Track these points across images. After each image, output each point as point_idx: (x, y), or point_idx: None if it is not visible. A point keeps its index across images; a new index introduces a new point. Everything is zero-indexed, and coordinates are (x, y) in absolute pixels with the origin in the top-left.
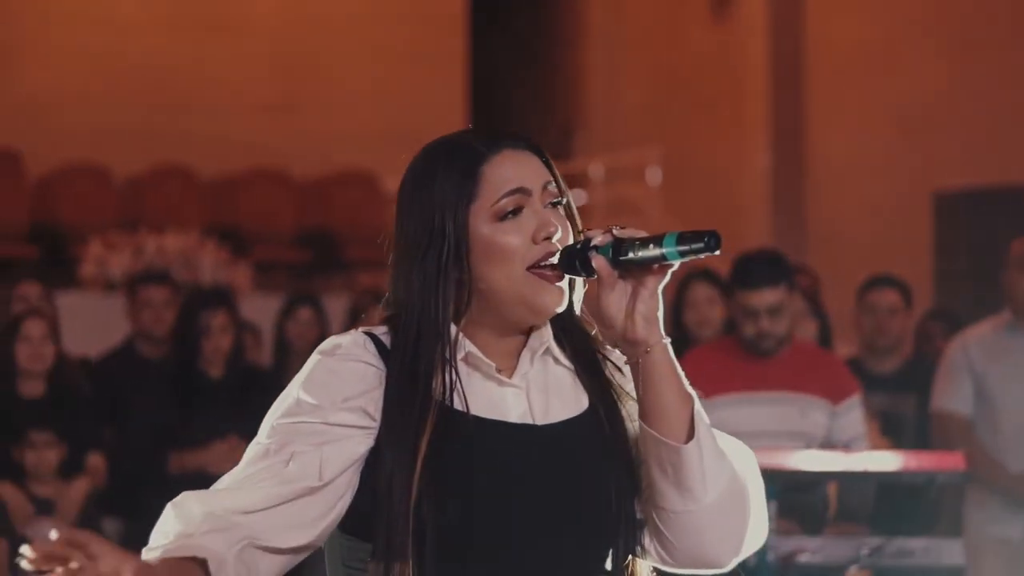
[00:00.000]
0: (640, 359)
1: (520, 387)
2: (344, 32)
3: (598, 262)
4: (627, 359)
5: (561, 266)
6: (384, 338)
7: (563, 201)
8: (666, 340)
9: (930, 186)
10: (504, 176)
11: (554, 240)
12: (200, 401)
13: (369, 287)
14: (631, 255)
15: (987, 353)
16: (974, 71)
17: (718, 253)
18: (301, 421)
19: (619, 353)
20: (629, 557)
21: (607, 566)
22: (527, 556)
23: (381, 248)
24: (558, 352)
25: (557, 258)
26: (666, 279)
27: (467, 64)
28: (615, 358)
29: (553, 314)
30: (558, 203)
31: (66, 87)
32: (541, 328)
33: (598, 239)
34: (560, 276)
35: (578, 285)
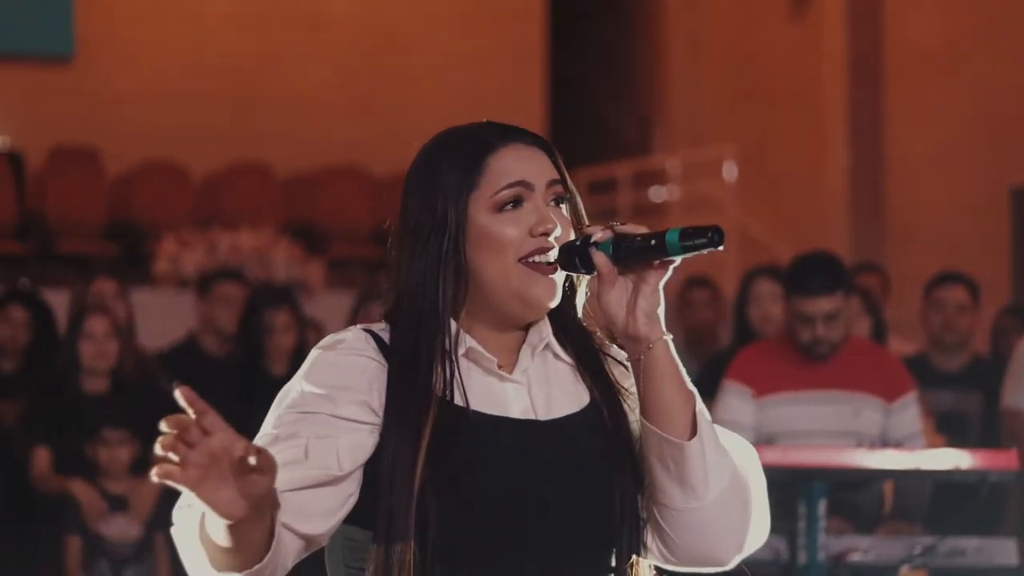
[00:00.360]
0: (642, 355)
1: (521, 382)
2: (422, 30)
3: (599, 258)
4: (628, 356)
5: (560, 263)
6: (383, 334)
7: (567, 199)
8: (667, 336)
9: (1008, 182)
10: (508, 168)
11: (552, 237)
12: (263, 398)
13: None
14: (632, 251)
15: None
16: None
17: (721, 249)
18: (310, 412)
19: (617, 349)
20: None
21: (611, 563)
22: (530, 553)
23: None
24: (558, 348)
25: (556, 255)
26: (667, 275)
27: (546, 61)
28: (615, 354)
29: (545, 307)
30: (562, 202)
31: (144, 85)
32: (540, 323)
33: (598, 235)
34: (553, 269)
35: (581, 287)
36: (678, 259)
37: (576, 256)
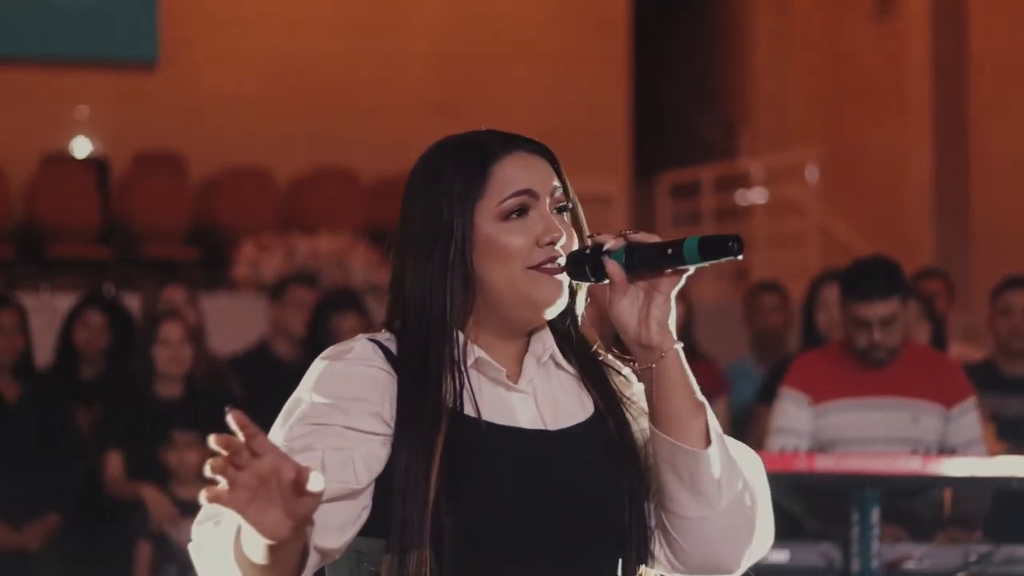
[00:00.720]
0: (654, 364)
1: (527, 392)
2: (505, 33)
3: (611, 267)
4: (639, 364)
5: (568, 271)
6: (389, 344)
7: (570, 207)
8: (679, 345)
9: None
10: (513, 176)
11: (558, 246)
12: None
13: None
14: (647, 260)
15: None
16: None
17: (741, 258)
18: (323, 424)
19: (612, 358)
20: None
21: (618, 573)
22: (542, 562)
23: None
24: (561, 358)
25: (564, 263)
26: (680, 284)
27: (629, 64)
28: (615, 364)
29: (552, 308)
30: (565, 210)
31: (229, 90)
32: (542, 332)
33: (611, 243)
34: (559, 270)
35: (580, 296)
36: (692, 268)
37: (587, 264)
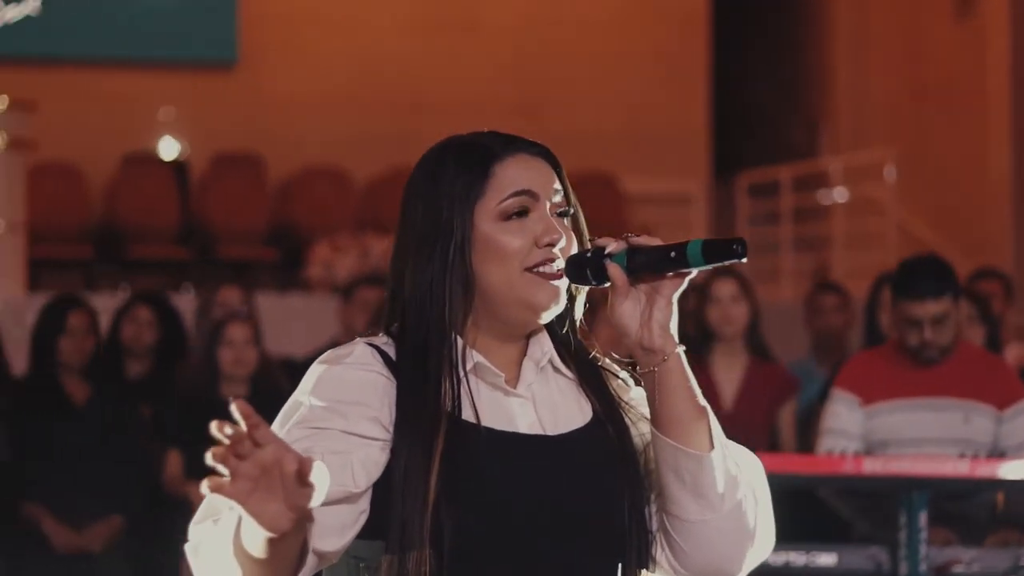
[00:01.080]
0: (656, 368)
1: (526, 397)
2: (583, 32)
3: (613, 270)
4: (641, 368)
5: (569, 274)
6: (388, 349)
7: (571, 212)
8: (680, 349)
9: None
10: (514, 177)
11: (557, 248)
12: None
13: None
14: (649, 263)
15: None
16: None
17: (745, 261)
18: (321, 428)
19: (609, 362)
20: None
21: None
22: (542, 567)
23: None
24: (559, 362)
25: (563, 266)
26: (683, 287)
27: (709, 64)
28: (612, 368)
29: (549, 311)
30: (566, 215)
31: (307, 91)
32: (540, 336)
33: (612, 246)
34: (557, 276)
35: (579, 300)
36: (695, 271)
37: (587, 267)
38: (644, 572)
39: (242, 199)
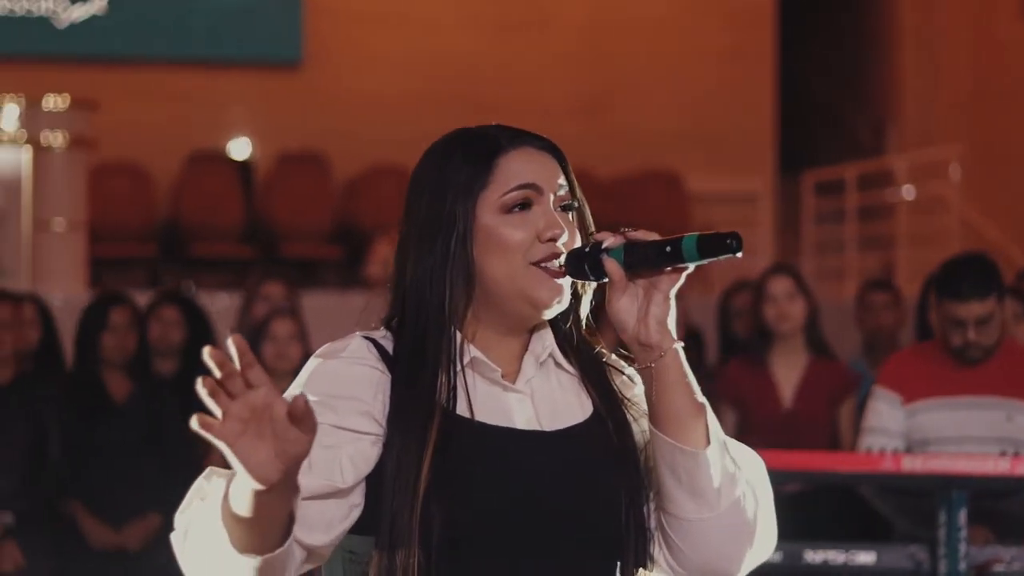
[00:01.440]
0: (653, 364)
1: (525, 393)
2: (650, 30)
3: (610, 264)
4: (639, 364)
5: (568, 269)
6: (385, 343)
7: (576, 207)
8: (678, 345)
9: None
10: (518, 170)
11: (560, 243)
12: None
13: None
14: (645, 258)
15: None
16: None
17: (740, 256)
18: None
19: (616, 358)
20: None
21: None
22: (534, 564)
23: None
24: (561, 357)
25: (564, 261)
26: (680, 282)
27: (776, 62)
28: (618, 364)
29: (552, 308)
30: (571, 209)
31: (372, 90)
32: (542, 331)
33: (609, 241)
34: (561, 273)
35: (586, 296)
36: (692, 266)
37: (586, 262)
38: (642, 571)
39: (306, 198)
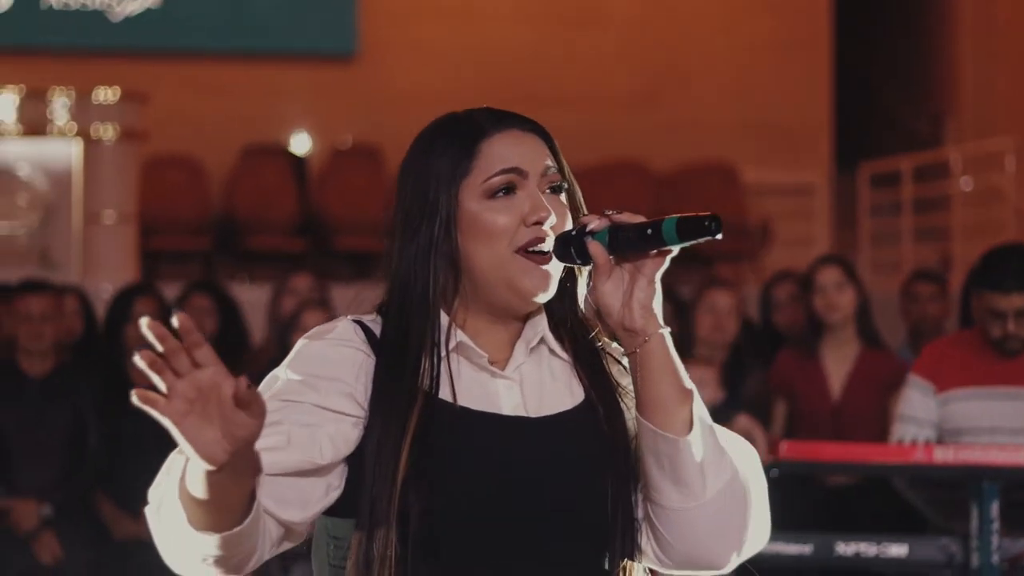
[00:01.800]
0: (638, 349)
1: (513, 379)
2: (705, 22)
3: (594, 248)
4: (624, 349)
5: (556, 253)
6: (373, 326)
7: (565, 187)
8: (664, 330)
9: None
10: (501, 154)
11: (546, 226)
12: None
13: (726, 278)
14: (629, 241)
15: None
16: None
17: (719, 237)
18: (294, 401)
19: (615, 345)
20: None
21: (604, 566)
22: (516, 553)
23: (739, 240)
24: (554, 343)
25: (551, 244)
26: (664, 266)
27: (832, 54)
28: (614, 351)
29: (538, 297)
30: (560, 190)
31: (426, 82)
32: (536, 317)
33: (593, 224)
34: (548, 260)
35: (582, 281)
36: (676, 249)
37: (572, 246)
38: (628, 562)
39: (360, 191)
